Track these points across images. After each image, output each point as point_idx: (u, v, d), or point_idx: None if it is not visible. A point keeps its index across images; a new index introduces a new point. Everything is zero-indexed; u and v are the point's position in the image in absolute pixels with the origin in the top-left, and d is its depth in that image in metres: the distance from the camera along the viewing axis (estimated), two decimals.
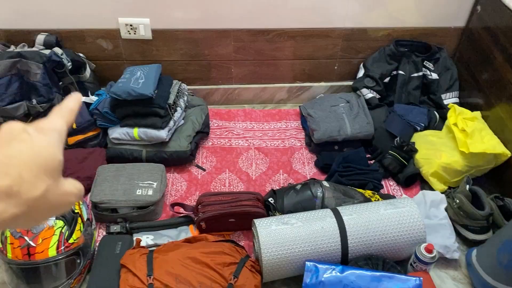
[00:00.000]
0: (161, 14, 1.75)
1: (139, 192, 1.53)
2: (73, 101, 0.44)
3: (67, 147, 1.71)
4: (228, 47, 1.87)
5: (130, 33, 1.78)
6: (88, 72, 1.81)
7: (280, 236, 1.31)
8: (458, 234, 1.51)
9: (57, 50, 1.68)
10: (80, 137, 1.72)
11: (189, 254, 1.30)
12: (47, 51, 1.67)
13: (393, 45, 1.85)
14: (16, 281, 1.27)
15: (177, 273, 1.25)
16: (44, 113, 1.69)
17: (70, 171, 1.60)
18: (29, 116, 1.69)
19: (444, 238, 1.45)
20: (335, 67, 1.97)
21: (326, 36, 1.86)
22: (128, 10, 1.73)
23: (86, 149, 1.71)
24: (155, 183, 1.56)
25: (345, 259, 1.34)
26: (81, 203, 1.38)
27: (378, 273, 1.25)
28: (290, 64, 1.95)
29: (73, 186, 0.40)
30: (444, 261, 1.47)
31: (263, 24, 1.80)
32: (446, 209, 1.52)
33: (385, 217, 1.36)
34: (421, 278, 1.23)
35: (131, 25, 1.76)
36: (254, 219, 1.38)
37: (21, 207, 0.35)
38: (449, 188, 1.62)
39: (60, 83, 1.74)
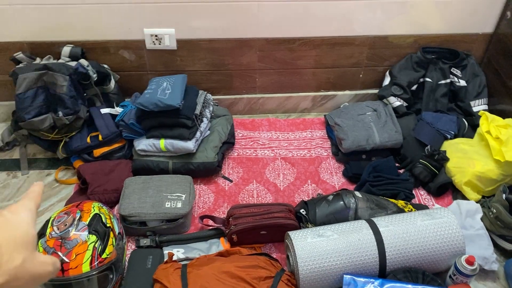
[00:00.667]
0: (186, 24, 1.74)
1: (168, 204, 1.51)
2: (38, 186, 0.52)
3: (93, 159, 1.70)
4: (252, 57, 1.85)
5: (155, 44, 1.77)
6: (112, 84, 1.80)
7: (316, 249, 1.28)
8: (495, 244, 1.47)
9: (83, 61, 1.68)
10: (106, 149, 1.70)
11: (224, 268, 1.27)
12: (73, 63, 1.67)
13: (420, 52, 1.83)
14: None
15: (213, 287, 1.23)
16: (70, 125, 1.68)
17: (97, 184, 1.59)
18: (55, 129, 1.67)
19: (481, 249, 1.41)
20: (360, 75, 1.95)
21: (351, 44, 1.84)
22: (153, 21, 1.72)
23: (112, 161, 1.70)
24: (183, 195, 1.54)
25: (383, 272, 1.31)
26: (111, 216, 1.36)
27: (419, 287, 1.22)
28: (315, 72, 1.93)
29: (48, 258, 0.47)
30: (482, 273, 1.43)
31: (287, 33, 1.79)
32: (482, 219, 1.49)
33: (422, 228, 1.33)
34: None
35: (156, 36, 1.75)
36: (288, 232, 1.36)
37: (2, 277, 0.40)
38: (483, 197, 1.59)
39: (85, 94, 1.73)
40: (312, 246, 1.29)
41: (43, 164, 1.80)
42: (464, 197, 1.61)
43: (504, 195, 1.46)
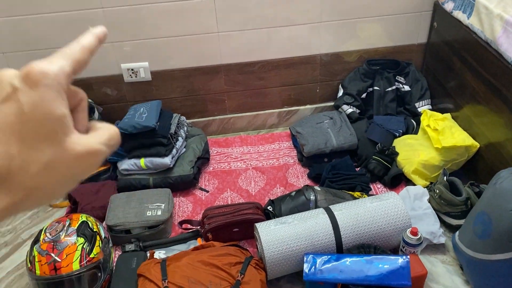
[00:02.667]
0: (158, 57, 1.99)
1: (149, 213, 1.69)
2: (88, 36, 0.33)
3: (82, 182, 1.89)
4: (219, 81, 2.09)
5: (131, 77, 2.01)
6: (96, 115, 2.02)
7: (279, 234, 1.45)
8: (443, 222, 1.65)
9: None
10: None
11: (199, 258, 1.44)
12: None
13: (366, 65, 2.07)
14: None
15: (189, 275, 1.39)
16: None
17: (85, 202, 1.77)
18: None
19: (429, 225, 1.58)
20: (317, 90, 2.18)
21: (306, 63, 2.09)
22: (128, 57, 1.97)
23: (99, 182, 1.89)
24: (163, 204, 1.72)
25: (340, 250, 1.47)
26: (98, 224, 1.54)
27: (369, 257, 1.38)
28: (277, 91, 2.16)
29: (94, 140, 0.30)
30: (433, 248, 1.59)
31: (247, 58, 2.04)
32: (429, 201, 1.67)
33: (372, 209, 1.51)
34: (408, 256, 1.36)
35: (132, 69, 1.99)
36: (255, 223, 1.53)
37: (18, 192, 0.27)
38: (431, 183, 1.77)
39: None
40: (275, 232, 1.46)
41: None
42: (415, 185, 1.79)
43: (444, 177, 1.65)
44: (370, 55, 2.11)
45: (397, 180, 1.85)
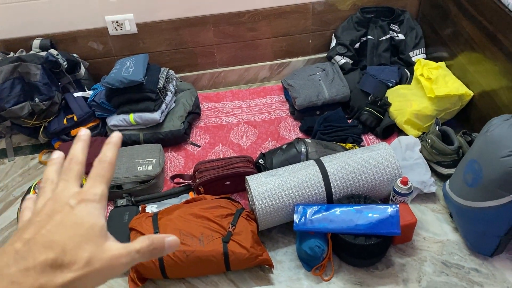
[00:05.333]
0: (144, 8, 1.91)
1: (140, 168, 1.68)
2: (113, 150, 0.44)
3: (71, 139, 1.87)
4: (208, 33, 2.02)
5: (117, 29, 1.94)
6: (82, 70, 1.96)
7: (270, 186, 1.45)
8: (434, 172, 1.65)
9: (53, 51, 1.84)
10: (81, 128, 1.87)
11: (190, 211, 1.44)
12: (43, 53, 1.83)
13: (359, 13, 2.00)
14: None
15: (181, 228, 1.39)
16: (47, 111, 1.84)
17: None
18: (34, 115, 1.84)
19: (420, 175, 1.58)
20: (310, 41, 2.12)
21: (297, 12, 2.01)
22: (113, 8, 1.89)
23: None
24: (154, 159, 1.71)
25: (330, 201, 1.48)
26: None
27: (359, 206, 1.39)
28: (268, 42, 2.10)
29: (122, 248, 0.39)
30: (424, 197, 1.60)
31: (237, 7, 1.96)
32: (421, 151, 1.66)
33: (362, 160, 1.50)
34: (398, 204, 1.37)
35: (117, 22, 1.92)
36: (246, 176, 1.53)
37: (64, 278, 0.36)
38: (423, 133, 1.76)
39: (59, 83, 1.89)
40: (266, 184, 1.46)
41: (27, 151, 1.97)
42: (407, 136, 1.78)
43: (437, 127, 1.63)
44: (364, 2, 2.03)
45: (389, 131, 1.84)
